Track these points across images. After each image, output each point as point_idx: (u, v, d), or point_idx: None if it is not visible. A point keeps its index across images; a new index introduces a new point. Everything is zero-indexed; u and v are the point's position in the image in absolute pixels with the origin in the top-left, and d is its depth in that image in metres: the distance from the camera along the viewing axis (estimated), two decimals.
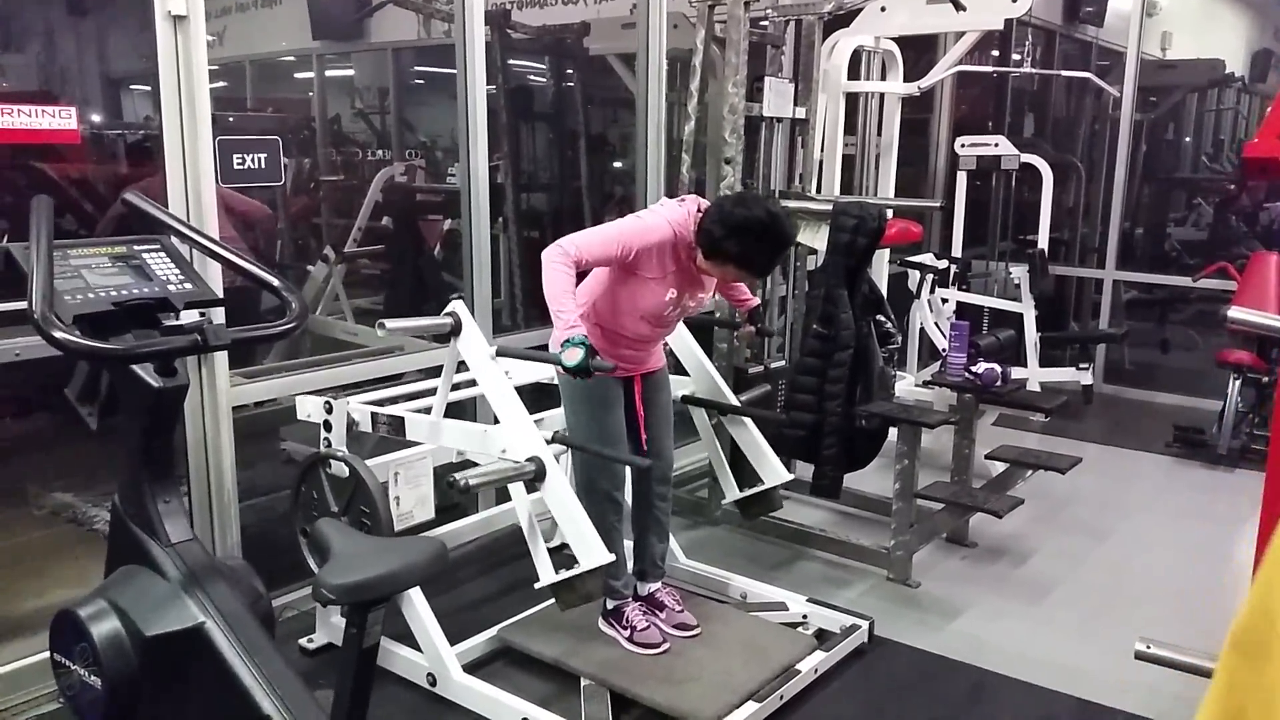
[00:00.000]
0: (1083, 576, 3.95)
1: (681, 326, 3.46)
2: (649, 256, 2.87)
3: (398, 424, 3.01)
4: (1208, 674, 2.33)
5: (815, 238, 3.81)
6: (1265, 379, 5.27)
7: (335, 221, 6.51)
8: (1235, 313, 2.49)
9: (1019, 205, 6.85)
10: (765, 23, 4.69)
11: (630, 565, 3.25)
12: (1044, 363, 6.10)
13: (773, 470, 3.47)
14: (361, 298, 5.97)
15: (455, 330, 2.86)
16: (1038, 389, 5.59)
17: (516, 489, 2.76)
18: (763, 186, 4.16)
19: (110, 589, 2.26)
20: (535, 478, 2.68)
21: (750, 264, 2.88)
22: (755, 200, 2.92)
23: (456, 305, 2.88)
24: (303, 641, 3.22)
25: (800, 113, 4.23)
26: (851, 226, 3.63)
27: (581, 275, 2.92)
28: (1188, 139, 9.45)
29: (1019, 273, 6.12)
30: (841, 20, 4.78)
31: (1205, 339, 7.78)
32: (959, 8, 4.23)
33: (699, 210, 2.91)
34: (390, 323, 2.82)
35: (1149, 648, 2.07)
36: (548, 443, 2.79)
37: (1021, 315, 6.03)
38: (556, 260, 2.74)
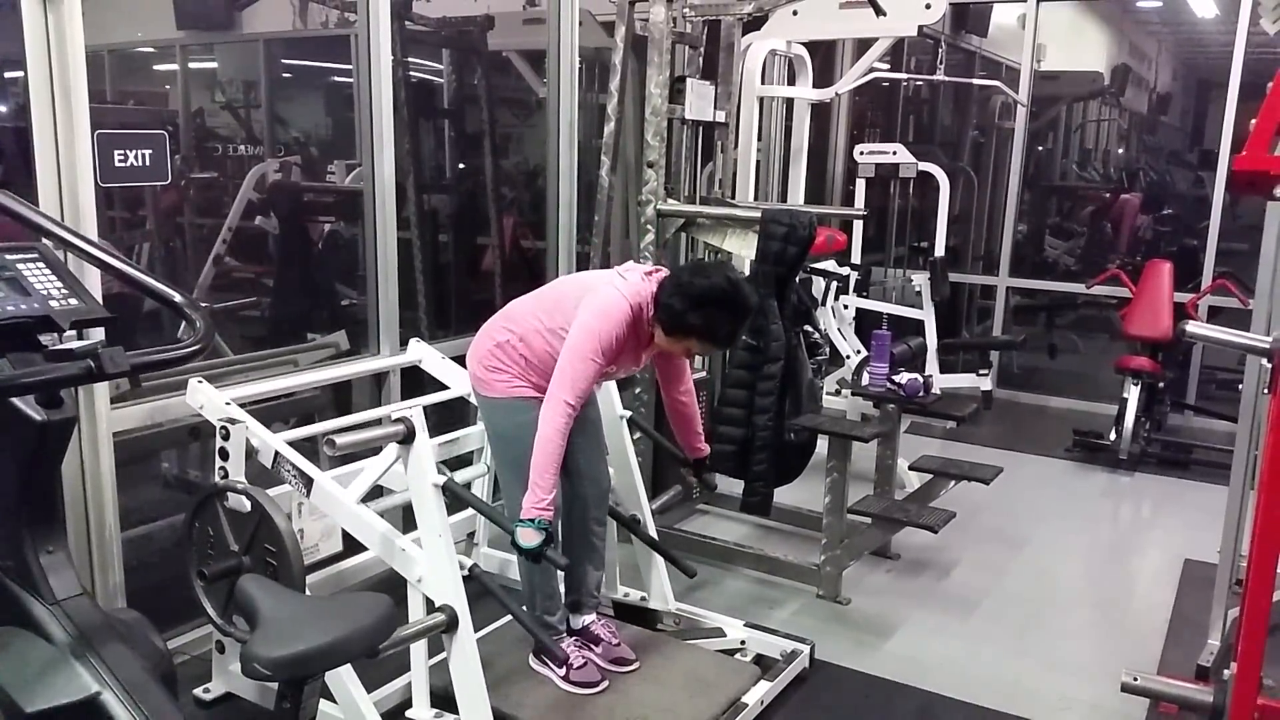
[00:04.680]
0: (1007, 587, 3.93)
1: (623, 424, 3.32)
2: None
3: (305, 481, 2.69)
4: (1194, 706, 2.29)
5: (744, 245, 3.66)
6: (1161, 384, 5.41)
7: (203, 221, 6.04)
8: (1192, 327, 2.46)
9: (914, 213, 6.89)
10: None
11: (563, 595, 3.04)
12: (941, 369, 6.13)
13: (660, 595, 3.37)
14: (234, 300, 5.55)
15: (407, 438, 2.61)
16: (938, 394, 5.58)
17: (418, 648, 2.62)
18: (685, 191, 4.00)
19: None
20: (446, 629, 2.54)
21: (714, 335, 2.73)
22: (714, 268, 2.86)
23: (413, 411, 2.62)
24: (198, 692, 2.91)
25: (720, 116, 4.08)
26: (782, 235, 3.51)
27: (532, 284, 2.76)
28: (1064, 149, 9.77)
29: (920, 280, 6.13)
30: (752, 24, 4.67)
31: (1086, 343, 8.03)
32: (879, 12, 4.16)
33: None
34: (340, 439, 2.56)
35: (1136, 680, 1.98)
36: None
37: (921, 322, 6.05)
38: (561, 420, 2.61)
